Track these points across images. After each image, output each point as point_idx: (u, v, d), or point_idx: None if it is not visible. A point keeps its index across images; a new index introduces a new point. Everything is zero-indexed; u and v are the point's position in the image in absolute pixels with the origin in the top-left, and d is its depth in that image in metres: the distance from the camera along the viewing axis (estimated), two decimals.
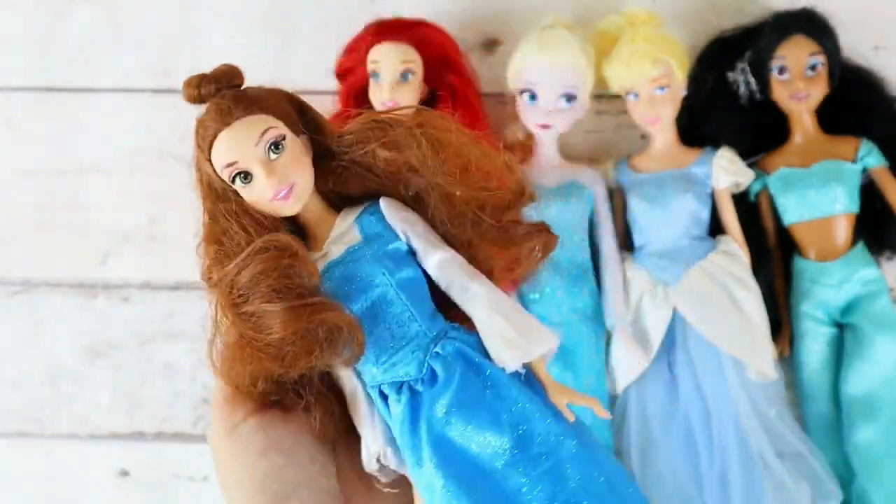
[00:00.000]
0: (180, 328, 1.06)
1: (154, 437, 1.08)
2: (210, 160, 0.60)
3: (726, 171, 0.97)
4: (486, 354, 0.60)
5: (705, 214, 0.98)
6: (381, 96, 0.94)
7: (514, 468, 0.58)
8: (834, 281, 0.96)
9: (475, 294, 0.61)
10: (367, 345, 0.60)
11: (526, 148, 1.03)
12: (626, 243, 1.02)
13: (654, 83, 0.95)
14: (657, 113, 0.96)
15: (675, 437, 0.95)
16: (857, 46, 1.04)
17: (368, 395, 0.62)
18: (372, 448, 0.61)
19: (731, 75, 1.01)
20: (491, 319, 0.60)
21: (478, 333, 0.61)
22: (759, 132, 1.02)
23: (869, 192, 0.98)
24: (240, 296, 0.58)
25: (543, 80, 0.95)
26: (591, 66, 0.97)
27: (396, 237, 0.62)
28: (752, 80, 1.00)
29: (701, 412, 0.94)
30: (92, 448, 1.08)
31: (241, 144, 0.60)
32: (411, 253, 0.63)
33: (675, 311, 0.95)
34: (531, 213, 0.96)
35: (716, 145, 0.99)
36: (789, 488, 0.91)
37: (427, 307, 0.62)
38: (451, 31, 1.07)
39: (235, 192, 0.61)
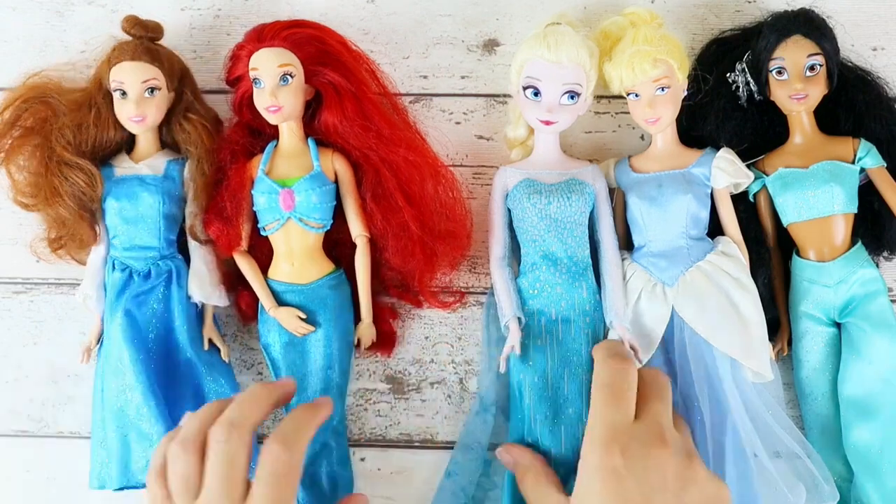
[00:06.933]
0: None
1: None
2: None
3: (725, 171, 0.97)
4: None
5: (704, 215, 0.98)
6: (264, 101, 0.93)
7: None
8: (833, 281, 0.96)
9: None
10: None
11: (526, 145, 1.04)
12: (626, 243, 1.02)
13: (655, 83, 0.96)
14: (658, 113, 0.97)
15: None
16: (856, 47, 1.04)
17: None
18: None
19: (730, 76, 1.01)
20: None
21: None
22: (759, 132, 1.02)
23: (867, 192, 0.98)
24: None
25: (547, 77, 0.95)
26: (595, 63, 0.97)
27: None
28: (752, 81, 1.00)
29: (697, 412, 0.94)
30: None
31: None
32: None
33: (673, 312, 0.96)
34: (532, 210, 0.97)
35: (716, 145, 0.99)
36: (785, 489, 0.91)
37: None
38: (452, 31, 1.07)
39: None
